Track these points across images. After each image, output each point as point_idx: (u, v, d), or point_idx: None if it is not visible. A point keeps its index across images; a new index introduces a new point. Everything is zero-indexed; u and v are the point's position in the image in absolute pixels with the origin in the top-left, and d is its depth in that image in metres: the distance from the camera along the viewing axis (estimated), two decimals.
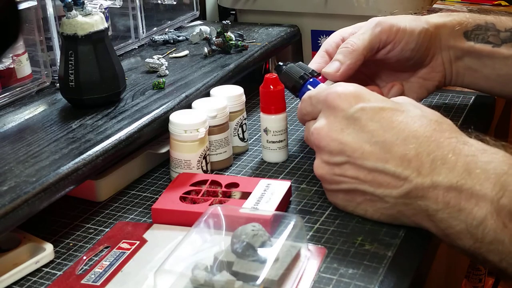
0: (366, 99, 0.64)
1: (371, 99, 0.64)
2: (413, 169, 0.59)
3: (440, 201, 0.58)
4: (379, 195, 0.62)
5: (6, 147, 0.70)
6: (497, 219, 0.55)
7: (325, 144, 0.64)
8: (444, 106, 0.95)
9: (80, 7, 0.77)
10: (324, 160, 0.65)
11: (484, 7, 1.35)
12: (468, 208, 0.56)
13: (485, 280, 1.66)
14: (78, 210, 0.73)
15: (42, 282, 0.61)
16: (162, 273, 0.56)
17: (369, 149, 0.62)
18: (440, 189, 0.57)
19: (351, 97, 0.64)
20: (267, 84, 0.78)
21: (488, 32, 0.83)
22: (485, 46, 0.83)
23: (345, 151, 0.63)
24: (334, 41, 0.83)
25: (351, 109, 0.64)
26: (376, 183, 0.62)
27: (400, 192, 0.60)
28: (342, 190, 0.66)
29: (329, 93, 0.67)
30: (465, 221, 0.56)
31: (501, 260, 0.56)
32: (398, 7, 1.03)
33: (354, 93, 0.65)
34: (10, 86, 0.82)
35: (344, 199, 0.66)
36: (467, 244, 0.57)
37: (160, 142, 0.83)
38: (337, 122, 0.64)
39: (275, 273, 0.55)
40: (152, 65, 0.91)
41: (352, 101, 0.64)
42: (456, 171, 0.57)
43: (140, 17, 1.01)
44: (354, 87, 0.66)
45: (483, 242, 0.56)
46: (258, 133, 0.89)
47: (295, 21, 1.12)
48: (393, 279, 0.58)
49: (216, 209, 0.63)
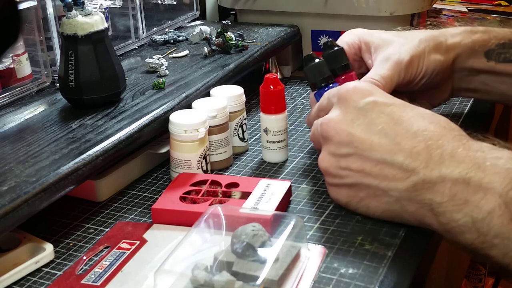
0: (378, 94, 0.66)
1: (383, 95, 0.66)
2: (421, 161, 0.59)
3: (446, 193, 0.57)
4: (384, 189, 0.62)
5: (6, 147, 0.70)
6: (505, 211, 0.54)
7: (334, 134, 0.65)
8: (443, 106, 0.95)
9: (80, 7, 0.77)
10: (330, 151, 0.65)
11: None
12: (475, 201, 0.56)
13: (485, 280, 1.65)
14: (78, 210, 0.73)
15: (42, 282, 0.61)
16: (162, 273, 0.56)
17: (378, 141, 0.62)
18: (448, 182, 0.57)
19: (363, 91, 0.66)
20: (267, 84, 0.78)
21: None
22: (507, 66, 0.80)
23: (353, 142, 0.63)
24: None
25: (362, 101, 0.64)
26: (382, 175, 0.62)
27: (406, 185, 0.60)
28: (346, 184, 0.65)
29: (342, 86, 0.68)
30: (470, 214, 0.56)
31: (504, 255, 0.55)
32: (398, 7, 1.03)
33: (367, 88, 0.67)
34: (10, 86, 0.82)
35: (347, 195, 0.66)
36: (470, 239, 0.57)
37: (160, 142, 0.83)
38: (348, 113, 0.65)
39: (275, 273, 0.55)
40: (152, 65, 0.91)
41: (365, 94, 0.65)
42: (465, 164, 0.57)
43: (140, 17, 1.01)
44: (368, 84, 0.68)
45: (488, 235, 0.55)
46: (258, 133, 0.89)
47: (295, 21, 1.12)
48: (393, 279, 0.58)
49: (216, 209, 0.63)
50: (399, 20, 1.05)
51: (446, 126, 0.62)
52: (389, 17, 1.04)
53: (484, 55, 0.80)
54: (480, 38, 0.80)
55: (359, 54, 0.82)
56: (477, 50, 0.80)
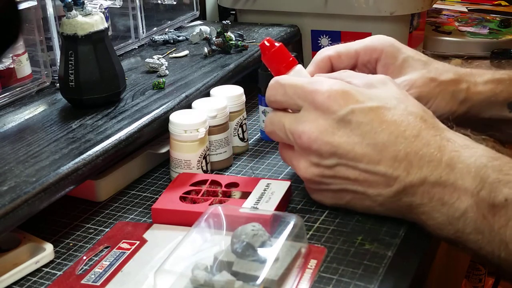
0: (354, 99, 0.63)
1: (359, 98, 0.64)
2: (403, 169, 0.61)
3: (425, 196, 0.60)
4: (370, 195, 0.63)
5: (6, 147, 0.70)
6: (477, 211, 0.57)
7: (317, 148, 0.64)
8: None
9: (80, 7, 0.77)
10: (313, 162, 0.65)
11: None
12: (450, 202, 0.59)
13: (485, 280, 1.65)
14: (78, 210, 0.73)
15: (42, 282, 0.61)
16: (162, 273, 0.56)
17: (361, 151, 0.62)
18: (426, 185, 0.60)
19: (339, 98, 0.63)
20: (265, 50, 0.72)
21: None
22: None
23: (337, 153, 0.63)
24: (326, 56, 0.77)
25: (341, 112, 0.63)
26: (367, 183, 0.63)
27: (390, 192, 0.62)
28: (331, 190, 0.66)
29: (316, 91, 0.65)
30: (447, 213, 0.59)
31: (480, 249, 0.58)
32: (398, 7, 1.03)
33: (342, 92, 0.64)
34: (10, 86, 0.82)
35: (332, 197, 0.67)
36: (448, 234, 0.60)
37: (160, 142, 0.83)
38: (328, 125, 0.64)
39: (275, 273, 0.55)
40: (152, 65, 0.91)
41: (341, 102, 0.63)
42: (441, 168, 0.60)
43: (140, 17, 1.01)
44: (339, 85, 0.65)
45: (464, 232, 0.59)
46: (258, 133, 0.89)
47: (295, 21, 1.12)
48: (393, 279, 0.58)
49: (216, 209, 0.63)
50: (399, 20, 1.05)
51: (423, 125, 0.62)
52: (389, 17, 1.04)
53: (507, 106, 0.77)
54: (505, 89, 0.76)
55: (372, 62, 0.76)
56: (501, 101, 0.76)
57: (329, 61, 0.76)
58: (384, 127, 0.62)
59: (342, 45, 0.77)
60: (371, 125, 0.62)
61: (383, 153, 0.62)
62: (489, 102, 0.76)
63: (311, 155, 0.65)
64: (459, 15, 1.41)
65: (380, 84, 0.67)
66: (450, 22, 1.34)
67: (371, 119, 0.63)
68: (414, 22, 1.10)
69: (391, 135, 0.62)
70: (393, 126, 0.62)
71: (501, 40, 1.23)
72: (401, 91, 0.67)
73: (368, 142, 0.62)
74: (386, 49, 0.75)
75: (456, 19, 1.37)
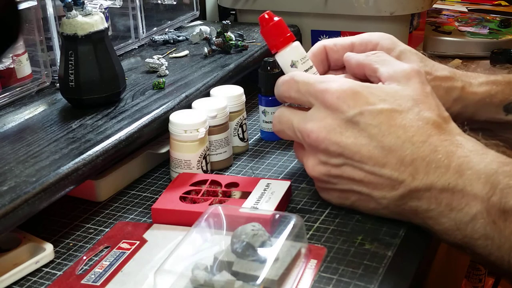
0: (364, 100, 0.63)
1: (370, 99, 0.63)
2: (408, 174, 0.61)
3: (432, 201, 0.60)
4: (375, 197, 0.63)
5: (6, 147, 0.70)
6: (487, 217, 0.57)
7: (325, 147, 0.64)
8: None
9: (80, 7, 0.77)
10: (321, 160, 0.65)
11: None
12: (459, 207, 0.58)
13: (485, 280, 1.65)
14: (78, 210, 0.73)
15: (42, 282, 0.61)
16: (162, 273, 0.56)
17: (368, 153, 0.62)
18: (434, 190, 0.60)
19: (349, 98, 0.63)
20: (264, 23, 0.72)
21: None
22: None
23: (344, 153, 0.63)
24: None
25: (349, 112, 0.63)
26: (372, 184, 0.63)
27: (394, 195, 0.62)
28: (338, 189, 0.67)
29: (326, 91, 0.65)
30: (455, 219, 0.59)
31: (489, 254, 0.58)
32: (398, 7, 1.03)
33: (352, 92, 0.64)
34: (10, 86, 0.82)
35: (338, 197, 0.68)
36: (455, 239, 0.60)
37: (160, 142, 0.83)
38: (336, 124, 0.64)
39: (275, 273, 0.55)
40: (152, 65, 0.91)
41: (351, 103, 0.63)
42: (449, 174, 0.59)
43: (140, 17, 1.01)
44: (350, 84, 0.65)
45: (472, 238, 0.58)
46: (258, 133, 0.89)
47: (295, 21, 1.12)
48: (393, 279, 0.58)
49: (216, 209, 0.63)
50: (399, 20, 1.05)
51: (432, 132, 0.61)
52: (389, 17, 1.04)
53: (503, 108, 0.76)
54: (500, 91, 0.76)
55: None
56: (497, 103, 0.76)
57: (324, 49, 0.76)
58: (392, 131, 0.62)
59: (340, 38, 0.78)
60: (379, 128, 0.62)
61: (389, 156, 0.61)
62: (484, 104, 0.75)
63: (319, 154, 0.65)
64: (459, 15, 1.41)
65: (403, 79, 0.65)
66: (450, 22, 1.34)
67: (379, 122, 0.62)
68: (414, 22, 1.10)
69: (398, 139, 0.61)
70: (401, 131, 0.62)
71: (501, 40, 1.23)
72: (423, 89, 0.65)
73: (375, 144, 0.62)
74: (382, 41, 0.75)
75: (456, 19, 1.37)
